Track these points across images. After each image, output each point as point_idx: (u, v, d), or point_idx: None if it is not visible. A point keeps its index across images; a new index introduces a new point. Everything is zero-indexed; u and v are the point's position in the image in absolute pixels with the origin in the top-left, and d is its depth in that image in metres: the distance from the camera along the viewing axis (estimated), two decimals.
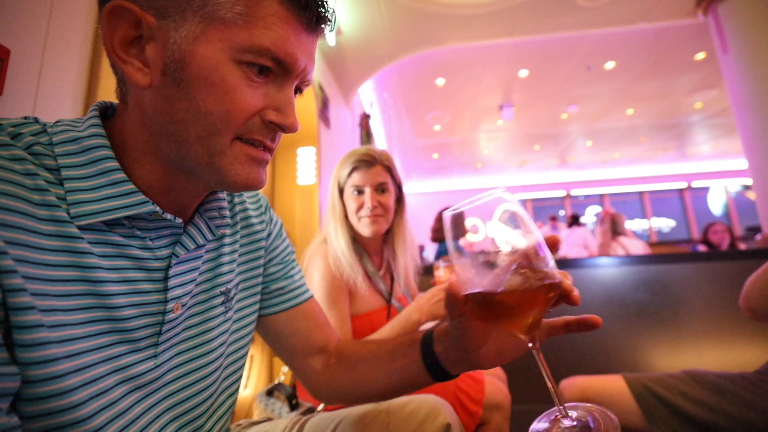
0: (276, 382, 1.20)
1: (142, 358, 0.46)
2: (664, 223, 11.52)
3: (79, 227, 0.41)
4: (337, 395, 0.71)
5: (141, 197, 0.44)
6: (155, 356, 0.48)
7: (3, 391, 0.33)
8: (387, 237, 1.32)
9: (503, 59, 4.92)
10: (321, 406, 1.08)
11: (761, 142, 3.06)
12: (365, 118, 4.73)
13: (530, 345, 0.47)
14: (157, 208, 0.46)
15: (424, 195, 11.73)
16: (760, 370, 1.07)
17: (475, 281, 0.45)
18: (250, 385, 2.26)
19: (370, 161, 1.21)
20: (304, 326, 0.71)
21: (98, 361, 0.41)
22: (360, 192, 1.21)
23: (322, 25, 0.47)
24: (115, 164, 0.44)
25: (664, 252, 3.32)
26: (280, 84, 0.46)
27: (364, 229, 1.21)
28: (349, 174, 1.22)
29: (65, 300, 0.39)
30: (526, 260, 0.44)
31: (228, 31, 0.41)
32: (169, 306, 0.49)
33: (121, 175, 0.44)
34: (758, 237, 3.56)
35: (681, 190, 11.52)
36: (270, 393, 1.15)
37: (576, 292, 0.45)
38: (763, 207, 3.15)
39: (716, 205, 11.21)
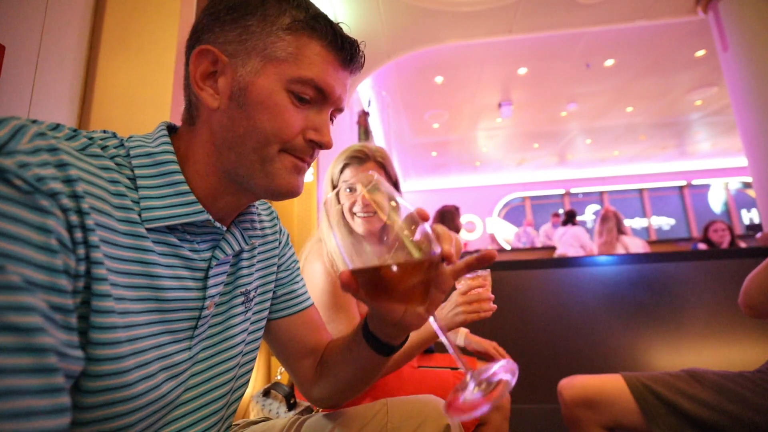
0: (273, 381, 1.19)
1: (180, 348, 0.52)
2: (664, 221, 11.53)
3: (147, 229, 0.49)
4: (319, 396, 0.74)
5: (199, 207, 0.53)
6: (189, 348, 0.53)
7: (70, 372, 0.37)
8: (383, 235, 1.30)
9: (502, 57, 4.91)
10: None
11: (761, 139, 3.05)
12: (364, 115, 4.72)
13: (426, 315, 0.49)
14: (210, 217, 0.54)
15: (422, 193, 11.73)
16: (761, 369, 1.07)
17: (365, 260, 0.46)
18: (248, 385, 2.25)
19: (362, 158, 1.19)
20: (302, 331, 0.75)
21: (149, 347, 0.47)
22: (352, 189, 1.20)
23: (355, 63, 0.58)
24: (181, 177, 0.53)
25: (664, 250, 3.32)
26: (319, 109, 0.56)
27: (357, 227, 1.19)
28: (341, 171, 1.21)
29: (131, 290, 0.46)
30: (405, 233, 0.45)
31: (281, 67, 0.52)
32: (206, 303, 0.55)
33: (186, 187, 0.53)
34: (758, 235, 3.56)
35: (681, 188, 11.53)
36: (267, 393, 1.15)
37: (453, 255, 0.47)
38: (763, 205, 3.15)
39: (716, 203, 11.23)
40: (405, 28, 3.77)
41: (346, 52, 0.55)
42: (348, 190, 1.20)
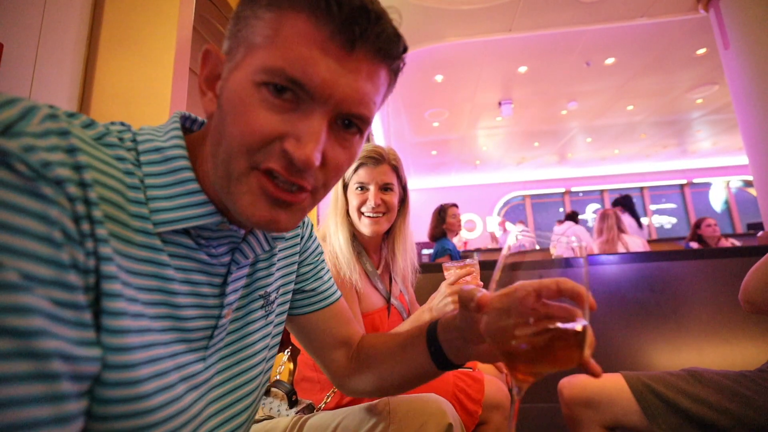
0: (274, 380, 1.19)
1: (195, 359, 0.48)
2: (665, 220, 11.53)
3: (158, 233, 0.44)
4: (358, 388, 0.72)
5: (211, 208, 0.47)
6: (204, 359, 0.49)
7: (83, 374, 0.34)
8: (387, 237, 1.31)
9: (502, 55, 4.89)
10: (321, 404, 1.08)
11: (762, 138, 3.05)
12: None
13: (515, 389, 0.45)
14: (224, 219, 0.48)
15: (422, 192, 11.72)
16: (762, 369, 1.06)
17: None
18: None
19: (378, 159, 1.19)
20: (333, 324, 0.73)
21: (165, 356, 0.43)
22: (364, 189, 1.20)
23: (367, 40, 0.41)
24: (191, 175, 0.46)
25: (664, 249, 3.31)
26: (306, 112, 0.42)
27: (364, 227, 1.19)
28: (355, 170, 1.21)
29: (144, 293, 0.41)
30: (562, 310, 0.43)
31: (255, 55, 0.41)
32: (224, 311, 0.51)
33: (195, 186, 0.46)
34: (760, 234, 3.55)
35: (681, 187, 11.52)
36: (267, 392, 1.14)
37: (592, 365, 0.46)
38: (764, 204, 3.15)
39: (717, 201, 11.22)
40: (405, 27, 3.72)
41: (343, 22, 0.39)
42: (359, 188, 1.20)
